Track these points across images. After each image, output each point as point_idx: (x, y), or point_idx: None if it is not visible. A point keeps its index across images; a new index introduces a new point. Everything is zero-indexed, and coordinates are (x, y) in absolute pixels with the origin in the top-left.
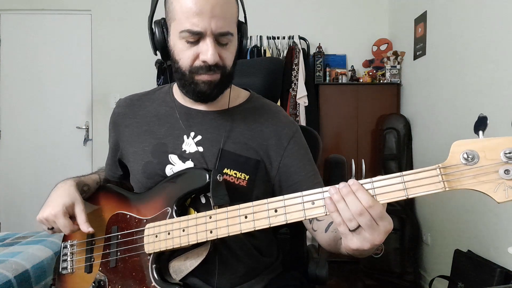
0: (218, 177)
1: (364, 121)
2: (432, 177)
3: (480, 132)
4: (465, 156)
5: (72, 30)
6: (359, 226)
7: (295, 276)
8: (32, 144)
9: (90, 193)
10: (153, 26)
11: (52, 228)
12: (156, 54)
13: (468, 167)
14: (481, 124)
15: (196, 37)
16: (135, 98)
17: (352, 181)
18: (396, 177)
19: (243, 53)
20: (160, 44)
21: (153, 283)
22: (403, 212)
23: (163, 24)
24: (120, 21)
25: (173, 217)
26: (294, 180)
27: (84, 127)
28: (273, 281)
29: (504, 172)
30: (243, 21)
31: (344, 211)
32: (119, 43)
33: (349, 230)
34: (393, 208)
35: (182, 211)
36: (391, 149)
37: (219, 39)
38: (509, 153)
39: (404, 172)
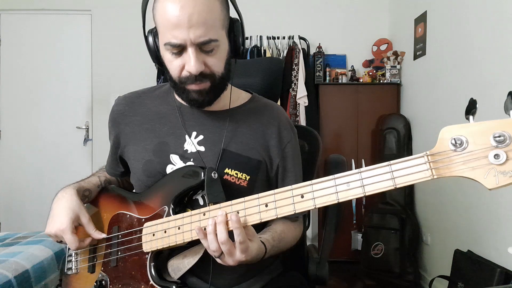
0: (212, 174)
1: (364, 121)
2: (419, 165)
3: (471, 117)
4: (453, 142)
5: (72, 30)
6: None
7: (295, 276)
8: (32, 144)
9: (92, 198)
10: (147, 35)
11: (61, 241)
12: (154, 62)
13: (457, 153)
14: (471, 108)
15: (178, 49)
16: (134, 96)
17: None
18: (384, 167)
19: (240, 52)
20: (154, 53)
21: (151, 282)
22: (403, 212)
23: (155, 34)
24: (120, 21)
25: (170, 216)
26: (286, 184)
27: (84, 127)
28: (273, 281)
29: (494, 157)
30: (237, 17)
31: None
32: (119, 43)
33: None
34: (393, 208)
35: (181, 210)
36: (391, 149)
37: (202, 48)
38: (499, 136)
39: (392, 161)
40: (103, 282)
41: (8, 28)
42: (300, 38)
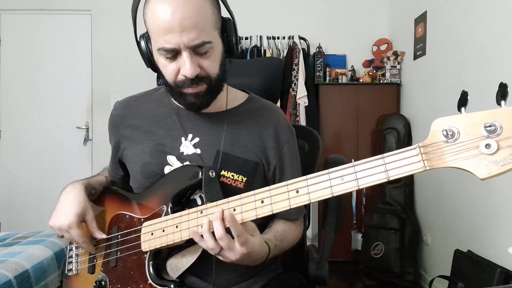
0: (210, 173)
1: (364, 121)
2: (412, 157)
3: (463, 109)
4: (445, 133)
5: (72, 30)
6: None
7: (295, 276)
8: (32, 144)
9: (96, 196)
10: (139, 40)
11: (63, 236)
12: (148, 67)
13: (449, 144)
14: (463, 100)
15: (172, 53)
16: (132, 100)
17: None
18: (377, 159)
19: (234, 51)
20: (147, 58)
21: (149, 281)
22: (403, 212)
23: (147, 39)
24: (120, 21)
25: (169, 215)
26: None
27: (84, 127)
28: (273, 281)
29: (485, 147)
30: (229, 16)
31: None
32: (119, 43)
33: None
34: (393, 208)
35: (180, 209)
36: (391, 149)
37: (196, 50)
38: (489, 126)
39: (385, 154)
40: (103, 282)
41: (8, 28)
42: (300, 38)
